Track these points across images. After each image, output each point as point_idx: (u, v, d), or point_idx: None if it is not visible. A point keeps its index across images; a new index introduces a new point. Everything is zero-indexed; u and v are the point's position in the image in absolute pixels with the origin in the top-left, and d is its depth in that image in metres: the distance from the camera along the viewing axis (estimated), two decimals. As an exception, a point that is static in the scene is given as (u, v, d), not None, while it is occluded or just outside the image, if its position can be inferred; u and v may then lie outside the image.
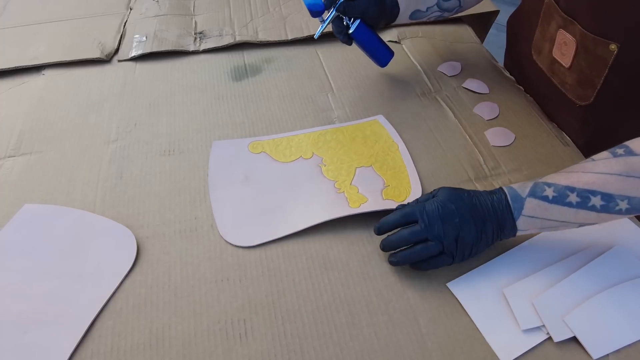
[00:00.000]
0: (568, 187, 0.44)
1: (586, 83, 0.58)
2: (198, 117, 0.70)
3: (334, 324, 0.46)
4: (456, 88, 0.75)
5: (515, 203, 0.46)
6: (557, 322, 0.45)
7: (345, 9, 0.63)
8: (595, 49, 0.54)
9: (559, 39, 0.60)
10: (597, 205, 0.43)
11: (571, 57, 0.58)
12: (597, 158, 0.45)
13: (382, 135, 0.66)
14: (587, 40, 0.54)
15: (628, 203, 0.42)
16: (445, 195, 0.48)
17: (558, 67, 0.62)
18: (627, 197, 0.42)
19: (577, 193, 0.43)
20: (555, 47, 0.61)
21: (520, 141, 0.65)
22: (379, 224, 0.50)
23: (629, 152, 0.42)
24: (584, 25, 0.54)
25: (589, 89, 0.58)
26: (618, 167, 0.42)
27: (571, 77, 0.60)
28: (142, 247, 0.53)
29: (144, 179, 0.61)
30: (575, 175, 0.44)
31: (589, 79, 0.57)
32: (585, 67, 0.57)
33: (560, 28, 0.59)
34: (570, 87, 0.61)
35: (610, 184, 0.42)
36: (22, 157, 0.64)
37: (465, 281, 0.49)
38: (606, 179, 0.42)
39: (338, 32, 0.66)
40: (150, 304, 0.48)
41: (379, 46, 0.69)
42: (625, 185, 0.42)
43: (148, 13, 0.93)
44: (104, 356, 0.44)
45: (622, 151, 0.43)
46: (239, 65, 0.81)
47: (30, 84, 0.77)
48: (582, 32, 0.55)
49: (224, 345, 0.45)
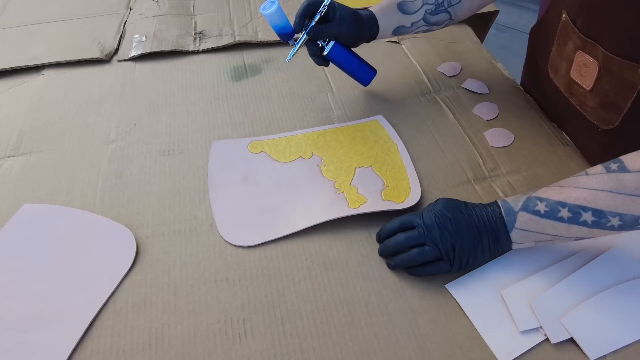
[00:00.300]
0: (560, 202, 0.44)
1: (610, 106, 0.54)
2: (198, 117, 0.70)
3: (334, 324, 0.46)
4: (456, 88, 0.75)
5: (509, 216, 0.47)
6: (554, 323, 0.45)
7: (316, 33, 0.61)
8: (622, 72, 0.50)
9: (578, 60, 0.56)
10: (589, 221, 0.43)
11: (593, 79, 0.55)
12: (591, 172, 0.44)
13: (381, 136, 0.66)
14: (612, 63, 0.51)
15: (620, 220, 0.42)
16: (442, 205, 0.49)
17: (577, 88, 0.59)
18: (618, 214, 0.41)
19: (568, 208, 0.43)
20: (574, 69, 0.58)
21: (519, 142, 0.65)
22: (379, 230, 0.52)
23: (622, 169, 0.42)
24: (607, 48, 0.51)
25: (613, 112, 0.54)
26: (610, 183, 0.42)
27: (593, 100, 0.56)
28: (142, 246, 0.53)
29: (143, 179, 0.61)
30: (568, 191, 0.44)
31: (613, 102, 0.54)
32: (609, 91, 0.53)
33: (578, 49, 0.56)
34: (591, 110, 0.58)
35: (601, 200, 0.42)
36: (22, 157, 0.64)
37: (464, 283, 0.49)
38: (597, 195, 0.42)
39: (312, 55, 0.64)
40: (149, 304, 0.48)
41: (358, 66, 0.67)
42: (615, 202, 0.41)
43: (148, 13, 0.93)
44: (104, 356, 0.44)
45: (615, 166, 0.43)
46: (238, 65, 0.81)
47: (30, 84, 0.77)
48: (606, 55, 0.51)
49: (224, 345, 0.45)
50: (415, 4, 0.64)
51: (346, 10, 0.62)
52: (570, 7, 0.56)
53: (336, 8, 0.61)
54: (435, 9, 0.65)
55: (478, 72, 0.77)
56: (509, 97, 0.73)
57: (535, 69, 0.69)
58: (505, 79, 0.76)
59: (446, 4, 0.65)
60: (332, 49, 0.63)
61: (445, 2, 0.65)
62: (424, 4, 0.64)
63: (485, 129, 0.67)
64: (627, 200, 0.41)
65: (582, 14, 0.54)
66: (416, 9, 0.64)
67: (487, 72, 0.78)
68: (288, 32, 0.61)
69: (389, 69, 0.78)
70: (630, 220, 0.41)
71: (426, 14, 0.65)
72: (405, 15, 0.64)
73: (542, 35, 0.66)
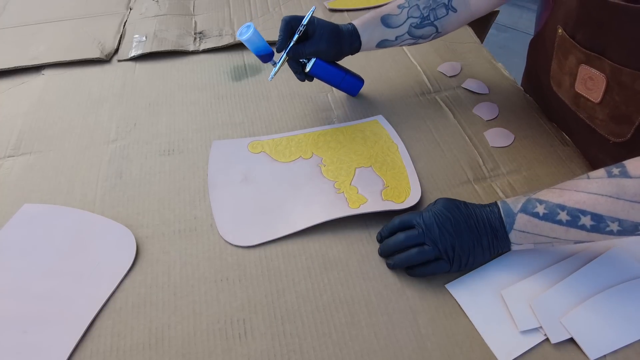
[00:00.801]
0: (559, 205, 0.44)
1: (621, 118, 0.53)
2: (198, 117, 0.70)
3: (334, 323, 0.46)
4: (456, 88, 0.75)
5: (508, 217, 0.47)
6: (554, 323, 0.45)
7: (295, 53, 0.61)
8: (633, 83, 0.49)
9: (582, 74, 0.55)
10: (587, 225, 0.43)
11: (601, 92, 0.53)
12: (592, 176, 0.44)
13: (381, 136, 0.66)
14: (621, 75, 0.50)
15: (619, 225, 0.41)
16: (442, 204, 0.49)
17: (584, 101, 0.57)
18: (617, 219, 0.41)
19: (567, 211, 0.43)
20: (578, 82, 0.56)
21: (519, 142, 0.65)
22: (380, 230, 0.52)
23: (623, 174, 0.42)
24: (615, 60, 0.50)
25: (624, 124, 0.53)
26: (610, 188, 0.42)
27: (602, 112, 0.55)
28: (142, 246, 0.53)
29: (143, 179, 0.61)
30: (568, 194, 0.44)
31: (624, 114, 0.52)
32: (620, 103, 0.52)
33: (582, 63, 0.54)
34: (601, 123, 0.56)
35: (601, 205, 0.42)
36: (22, 157, 0.65)
37: (464, 283, 0.49)
38: (597, 200, 0.42)
39: (295, 72, 0.65)
40: (149, 304, 0.48)
41: (342, 80, 0.67)
42: (615, 207, 0.41)
43: (148, 13, 0.93)
44: (104, 356, 0.44)
45: (617, 171, 0.42)
46: (238, 65, 0.81)
47: (30, 84, 0.77)
48: (614, 67, 0.50)
49: (224, 345, 0.45)
50: (400, 17, 0.63)
51: (325, 26, 0.61)
52: (565, 22, 0.55)
53: (315, 24, 0.61)
54: (421, 23, 0.64)
55: (478, 72, 0.78)
56: (509, 97, 0.73)
57: (538, 82, 0.69)
58: (505, 79, 0.76)
59: (432, 17, 0.64)
60: (313, 66, 0.63)
61: (431, 15, 0.63)
62: (409, 17, 0.63)
63: (485, 129, 0.67)
64: (627, 206, 0.41)
65: (581, 29, 0.53)
66: (400, 22, 0.63)
67: (487, 72, 0.78)
68: (267, 54, 0.62)
69: (389, 69, 0.78)
70: (629, 227, 0.41)
71: (411, 28, 0.64)
72: (389, 29, 0.63)
73: (541, 49, 0.65)
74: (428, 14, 0.63)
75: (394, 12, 0.63)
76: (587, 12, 0.51)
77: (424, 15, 0.63)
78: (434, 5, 0.63)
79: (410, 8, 0.63)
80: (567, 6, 0.54)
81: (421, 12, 0.63)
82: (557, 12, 0.57)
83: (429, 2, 0.63)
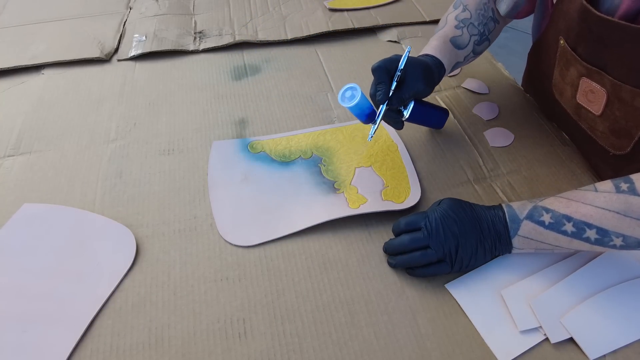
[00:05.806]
0: (565, 216, 0.44)
1: (621, 132, 0.53)
2: (198, 117, 0.70)
3: (333, 323, 0.46)
4: (456, 88, 0.75)
5: (513, 223, 0.47)
6: (554, 323, 0.45)
7: (396, 101, 0.55)
8: (632, 100, 0.49)
9: (584, 86, 0.55)
10: (592, 238, 0.43)
11: (601, 105, 0.53)
12: (600, 189, 0.44)
13: (381, 135, 0.66)
14: (622, 92, 0.49)
15: (623, 240, 0.42)
16: (448, 205, 0.49)
17: (585, 112, 0.56)
18: (622, 235, 0.42)
19: (573, 223, 0.43)
20: (580, 94, 0.56)
21: (519, 141, 0.65)
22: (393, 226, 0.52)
23: (631, 190, 0.42)
24: (615, 76, 0.49)
25: (624, 138, 0.53)
26: (618, 204, 0.42)
27: (603, 124, 0.55)
28: (142, 246, 0.53)
29: (143, 179, 0.61)
30: (575, 205, 0.44)
31: (624, 128, 0.52)
32: (620, 117, 0.52)
33: (583, 76, 0.54)
34: (602, 135, 0.56)
35: (607, 220, 0.42)
36: (22, 157, 0.64)
37: (464, 282, 0.49)
38: (604, 214, 0.42)
39: (393, 122, 0.58)
40: (149, 303, 0.48)
41: (433, 115, 0.63)
42: (621, 223, 0.41)
43: (148, 12, 0.93)
44: (103, 355, 0.44)
45: (626, 187, 0.42)
46: (238, 64, 0.81)
47: (29, 84, 0.77)
48: (614, 83, 0.50)
49: (224, 345, 0.45)
50: (464, 37, 0.62)
51: (416, 64, 0.56)
52: (567, 34, 0.55)
53: (406, 66, 0.55)
54: (480, 39, 0.64)
55: (478, 72, 0.77)
56: (509, 97, 0.73)
57: (540, 86, 0.68)
58: (505, 79, 0.76)
59: (487, 32, 0.64)
60: (411, 112, 0.56)
61: (485, 30, 0.64)
62: (471, 36, 0.63)
63: (485, 129, 0.67)
64: (633, 223, 0.41)
65: (582, 43, 0.53)
66: (466, 42, 0.63)
67: (487, 72, 0.78)
68: (371, 112, 0.56)
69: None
70: (633, 243, 0.42)
71: (474, 46, 0.64)
72: (460, 51, 0.63)
73: (543, 58, 0.64)
74: (483, 30, 0.64)
75: (456, 33, 0.62)
76: (588, 28, 0.51)
77: (481, 31, 0.63)
78: (485, 20, 0.63)
79: (467, 27, 0.63)
80: (568, 18, 0.54)
81: (477, 29, 0.63)
82: (558, 22, 0.57)
83: (479, 17, 0.63)
